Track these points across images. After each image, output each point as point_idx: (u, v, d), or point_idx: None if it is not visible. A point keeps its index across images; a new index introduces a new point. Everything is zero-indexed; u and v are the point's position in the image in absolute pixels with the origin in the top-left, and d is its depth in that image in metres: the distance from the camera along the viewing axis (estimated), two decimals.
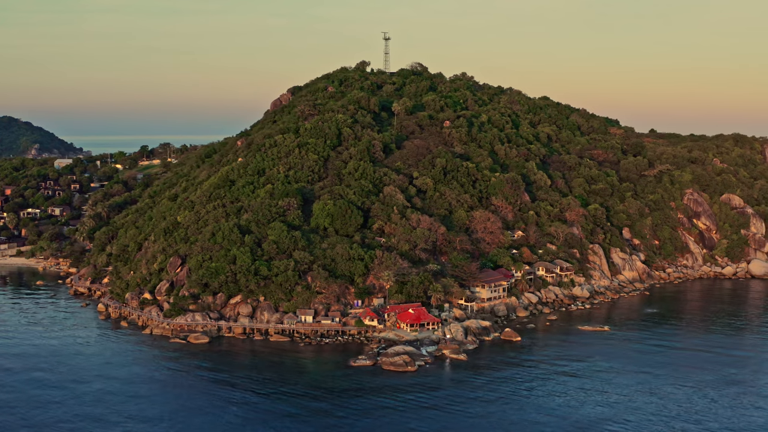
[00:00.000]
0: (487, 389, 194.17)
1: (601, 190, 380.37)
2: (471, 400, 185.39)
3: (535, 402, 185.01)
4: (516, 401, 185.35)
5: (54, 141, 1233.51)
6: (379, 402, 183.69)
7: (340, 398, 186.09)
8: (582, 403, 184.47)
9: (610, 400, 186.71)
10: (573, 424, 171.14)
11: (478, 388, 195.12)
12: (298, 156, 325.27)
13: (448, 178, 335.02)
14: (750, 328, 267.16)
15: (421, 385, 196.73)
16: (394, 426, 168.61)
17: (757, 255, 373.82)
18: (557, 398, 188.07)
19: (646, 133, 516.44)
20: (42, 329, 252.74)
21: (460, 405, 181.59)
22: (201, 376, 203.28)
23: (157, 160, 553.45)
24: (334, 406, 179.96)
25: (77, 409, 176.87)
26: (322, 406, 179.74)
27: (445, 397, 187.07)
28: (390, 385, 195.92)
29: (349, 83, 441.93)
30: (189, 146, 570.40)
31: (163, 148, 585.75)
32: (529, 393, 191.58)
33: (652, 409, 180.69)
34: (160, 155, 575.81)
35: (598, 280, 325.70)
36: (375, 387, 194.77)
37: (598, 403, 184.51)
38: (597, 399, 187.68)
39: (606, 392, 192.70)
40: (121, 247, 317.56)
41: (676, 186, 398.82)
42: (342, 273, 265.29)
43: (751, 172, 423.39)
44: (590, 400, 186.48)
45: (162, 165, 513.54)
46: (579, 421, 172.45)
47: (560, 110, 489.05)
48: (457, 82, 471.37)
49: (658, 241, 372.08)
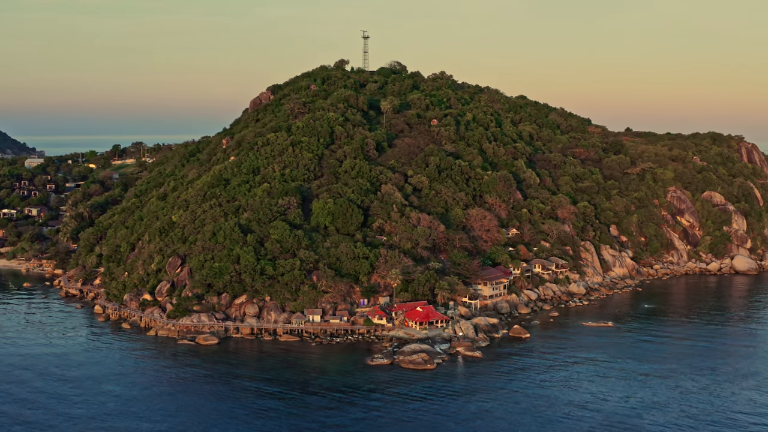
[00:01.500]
0: (512, 386, 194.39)
1: (588, 188, 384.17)
2: (500, 394, 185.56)
3: (565, 397, 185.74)
4: (545, 396, 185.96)
5: (7, 141, 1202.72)
6: (411, 399, 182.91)
7: (371, 397, 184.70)
8: (609, 398, 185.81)
9: (637, 394, 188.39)
10: (608, 417, 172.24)
11: (503, 384, 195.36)
12: (292, 154, 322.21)
13: (443, 176, 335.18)
14: (751, 321, 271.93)
15: (446, 382, 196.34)
16: (436, 423, 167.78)
17: (740, 251, 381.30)
18: (583, 393, 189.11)
19: (622, 131, 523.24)
20: (42, 333, 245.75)
21: (492, 400, 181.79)
22: (223, 381, 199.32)
23: (130, 160, 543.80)
24: (369, 405, 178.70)
25: (118, 423, 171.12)
26: (356, 407, 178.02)
27: (474, 393, 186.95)
28: (416, 383, 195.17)
29: (332, 81, 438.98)
30: (163, 145, 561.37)
31: (135, 147, 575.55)
32: (554, 388, 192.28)
33: (678, 403, 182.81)
34: (132, 154, 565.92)
35: (591, 277, 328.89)
36: (401, 385, 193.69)
37: (625, 398, 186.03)
38: (623, 393, 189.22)
39: (630, 386, 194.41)
40: (113, 247, 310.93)
41: (659, 184, 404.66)
42: (347, 272, 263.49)
43: (729, 170, 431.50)
44: (616, 395, 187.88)
45: (137, 164, 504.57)
46: (614, 414, 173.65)
47: (539, 109, 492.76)
48: (438, 81, 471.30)
49: (644, 238, 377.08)
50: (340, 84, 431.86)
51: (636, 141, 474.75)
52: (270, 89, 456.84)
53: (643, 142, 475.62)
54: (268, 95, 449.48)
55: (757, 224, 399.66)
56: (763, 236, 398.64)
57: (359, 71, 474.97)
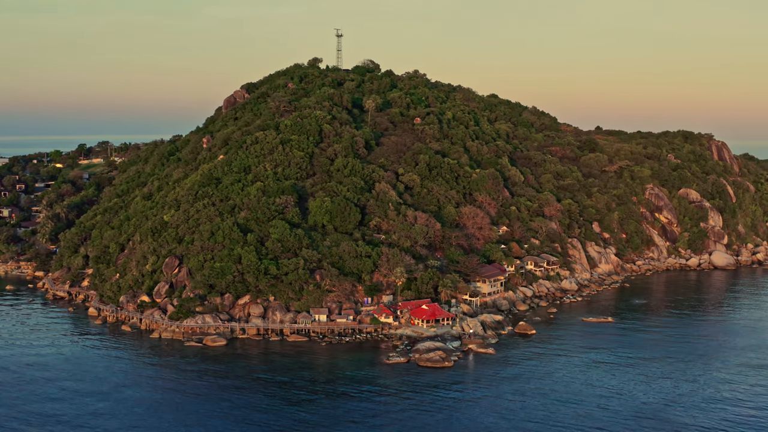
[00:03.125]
0: (535, 380, 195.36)
1: (570, 186, 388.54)
2: (527, 388, 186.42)
3: (591, 392, 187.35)
4: (570, 391, 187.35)
5: None
6: (445, 395, 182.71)
7: (404, 395, 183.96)
8: (634, 390, 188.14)
9: (658, 387, 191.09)
10: (638, 410, 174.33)
11: (526, 379, 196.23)
12: (282, 153, 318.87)
13: (433, 174, 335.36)
14: (742, 315, 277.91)
15: (470, 378, 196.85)
16: (473, 418, 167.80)
17: (717, 247, 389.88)
18: (607, 387, 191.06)
19: (592, 130, 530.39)
20: (40, 337, 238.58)
21: (521, 394, 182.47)
22: (244, 383, 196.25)
23: (97, 159, 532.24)
24: (408, 403, 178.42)
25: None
26: (398, 404, 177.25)
27: (500, 386, 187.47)
28: (441, 380, 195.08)
29: (310, 80, 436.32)
30: (130, 144, 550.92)
31: (101, 146, 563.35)
32: (578, 382, 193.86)
33: (699, 395, 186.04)
34: (98, 154, 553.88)
35: (580, 273, 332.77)
36: (428, 382, 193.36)
37: (648, 390, 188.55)
38: (645, 387, 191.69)
39: (650, 379, 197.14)
40: (101, 248, 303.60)
41: (637, 181, 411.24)
42: (350, 270, 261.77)
43: (702, 168, 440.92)
44: (638, 388, 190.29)
45: (106, 164, 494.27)
46: (646, 406, 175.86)
47: (512, 108, 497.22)
48: (415, 80, 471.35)
49: (625, 235, 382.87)
50: (318, 82, 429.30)
51: (609, 139, 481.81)
52: (244, 88, 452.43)
53: (616, 140, 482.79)
54: (242, 93, 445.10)
55: (731, 221, 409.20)
56: (737, 232, 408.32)
57: (335, 69, 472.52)
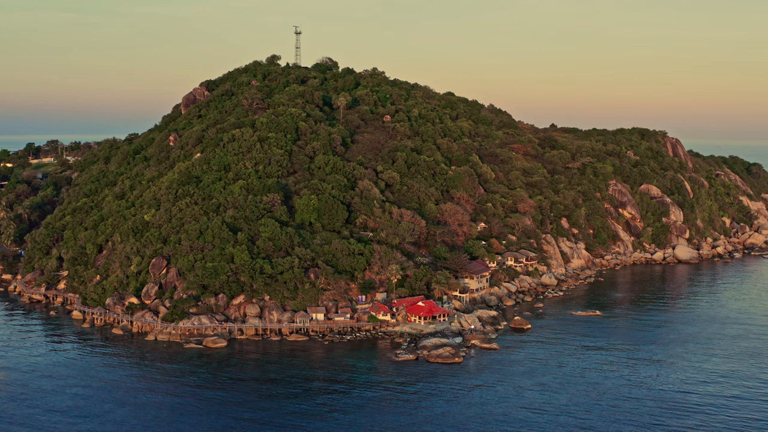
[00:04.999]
0: (550, 374, 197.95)
1: (538, 182, 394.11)
2: (545, 379, 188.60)
3: (610, 383, 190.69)
4: (589, 382, 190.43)
5: None
6: (468, 391, 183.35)
7: (426, 391, 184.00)
8: (654, 379, 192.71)
9: (675, 375, 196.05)
10: (661, 395, 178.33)
11: (541, 372, 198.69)
12: (261, 150, 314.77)
13: (412, 171, 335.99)
14: (727, 304, 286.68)
15: (487, 374, 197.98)
16: (507, 413, 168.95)
17: (679, 241, 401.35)
18: (625, 376, 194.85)
19: (547, 127, 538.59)
20: (31, 342, 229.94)
21: (540, 384, 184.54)
22: (262, 385, 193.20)
23: (47, 159, 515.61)
24: (438, 397, 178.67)
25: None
26: (418, 402, 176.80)
27: (518, 378, 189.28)
28: (457, 374, 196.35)
29: (273, 77, 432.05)
30: (81, 144, 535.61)
31: (51, 145, 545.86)
32: (594, 371, 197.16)
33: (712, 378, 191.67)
34: (48, 153, 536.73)
35: (555, 269, 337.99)
36: (446, 377, 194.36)
37: (666, 379, 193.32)
38: (654, 372, 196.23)
39: (663, 367, 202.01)
40: (77, 249, 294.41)
41: (600, 178, 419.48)
42: (343, 268, 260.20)
43: (660, 164, 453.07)
44: (660, 377, 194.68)
45: (59, 163, 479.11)
46: (665, 392, 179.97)
47: (471, 105, 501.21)
48: (376, 77, 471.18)
49: (592, 230, 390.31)
50: (282, 80, 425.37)
51: (567, 137, 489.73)
52: (203, 85, 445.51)
53: (573, 137, 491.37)
54: (202, 91, 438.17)
55: (690, 215, 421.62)
56: (696, 227, 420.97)
57: (296, 67, 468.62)
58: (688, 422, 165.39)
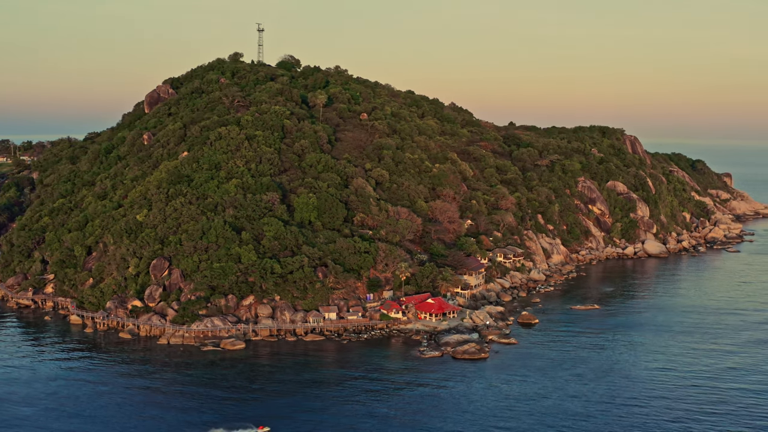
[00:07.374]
0: (581, 365, 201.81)
1: (513, 180, 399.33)
2: (584, 373, 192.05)
3: (643, 374, 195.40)
4: (626, 370, 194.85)
5: None
6: (510, 386, 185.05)
7: (473, 386, 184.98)
8: (680, 366, 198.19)
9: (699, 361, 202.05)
10: (686, 377, 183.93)
11: (571, 364, 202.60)
12: (250, 149, 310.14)
13: (399, 169, 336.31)
14: (711, 294, 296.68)
15: (520, 368, 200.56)
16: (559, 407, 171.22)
17: (647, 236, 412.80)
18: (650, 362, 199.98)
19: (507, 125, 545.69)
20: (37, 352, 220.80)
21: (575, 375, 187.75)
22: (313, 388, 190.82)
23: (1, 158, 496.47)
24: (480, 394, 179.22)
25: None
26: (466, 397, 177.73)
27: (551, 370, 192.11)
28: (490, 369, 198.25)
29: (242, 75, 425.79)
30: (34, 143, 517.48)
31: (2, 145, 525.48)
32: (622, 361, 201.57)
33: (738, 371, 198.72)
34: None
35: (539, 264, 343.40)
36: (482, 371, 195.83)
37: (692, 363, 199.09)
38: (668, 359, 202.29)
39: (678, 354, 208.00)
40: (64, 251, 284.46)
41: (569, 174, 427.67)
42: (350, 267, 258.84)
43: (623, 161, 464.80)
44: (689, 360, 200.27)
45: (14, 163, 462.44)
46: (693, 376, 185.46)
47: (434, 104, 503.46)
48: (342, 75, 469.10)
49: (566, 226, 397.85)
50: (251, 77, 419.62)
51: (529, 134, 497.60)
52: (167, 83, 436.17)
53: (534, 135, 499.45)
54: (166, 89, 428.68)
55: (654, 211, 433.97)
56: (661, 222, 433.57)
57: (261, 65, 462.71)
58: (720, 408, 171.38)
